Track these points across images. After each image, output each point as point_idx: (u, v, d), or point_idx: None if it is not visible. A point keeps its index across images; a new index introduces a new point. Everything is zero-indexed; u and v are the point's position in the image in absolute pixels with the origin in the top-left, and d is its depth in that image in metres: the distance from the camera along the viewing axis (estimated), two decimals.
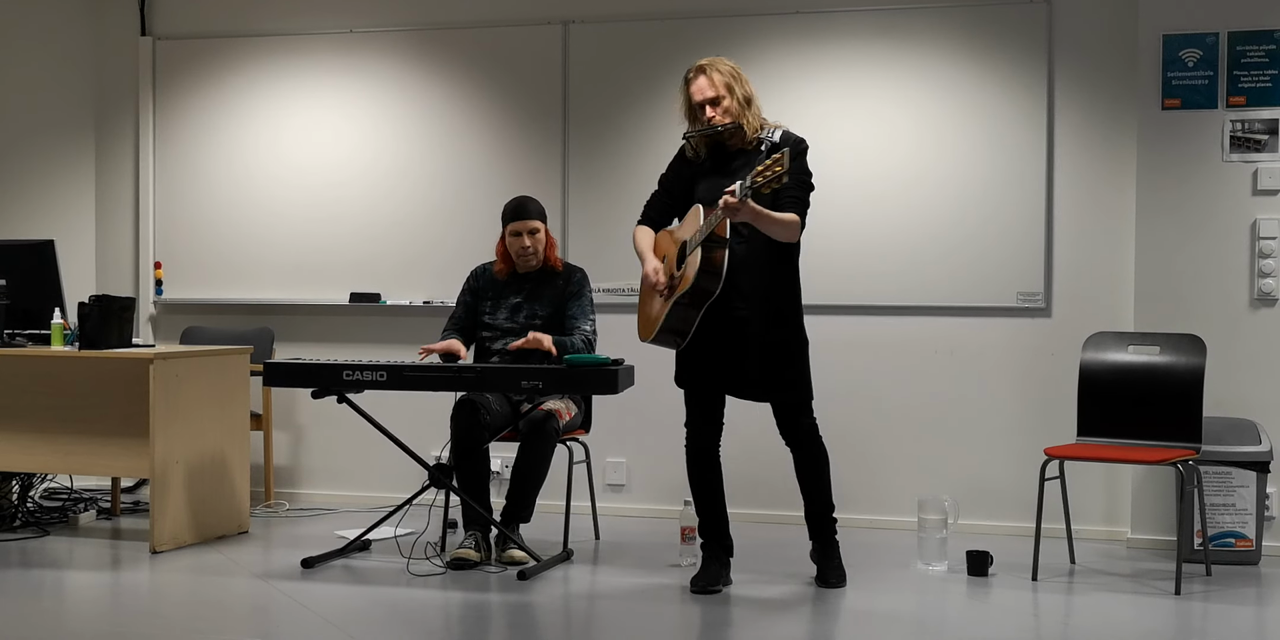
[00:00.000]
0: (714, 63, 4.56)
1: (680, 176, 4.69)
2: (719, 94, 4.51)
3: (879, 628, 4.20)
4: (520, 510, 5.01)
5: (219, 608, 4.42)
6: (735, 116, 4.52)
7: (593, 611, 4.51)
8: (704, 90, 4.53)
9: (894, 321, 5.78)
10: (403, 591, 4.57)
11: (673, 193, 4.72)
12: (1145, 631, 4.17)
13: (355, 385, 4.89)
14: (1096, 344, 5.17)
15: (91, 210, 6.81)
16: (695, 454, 4.67)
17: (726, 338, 4.51)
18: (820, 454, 4.67)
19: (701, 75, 4.54)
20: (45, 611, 4.41)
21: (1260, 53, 5.31)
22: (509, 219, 5.17)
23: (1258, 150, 5.31)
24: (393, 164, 6.38)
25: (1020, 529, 5.37)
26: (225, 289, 6.57)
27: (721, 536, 4.69)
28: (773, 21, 5.92)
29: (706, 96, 4.52)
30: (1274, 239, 5.29)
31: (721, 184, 4.45)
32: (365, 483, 6.31)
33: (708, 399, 4.65)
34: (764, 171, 4.17)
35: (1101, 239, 5.61)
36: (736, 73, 4.57)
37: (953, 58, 5.74)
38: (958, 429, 5.74)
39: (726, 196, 4.25)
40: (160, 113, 6.68)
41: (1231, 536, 5.12)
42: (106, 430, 5.21)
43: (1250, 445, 5.10)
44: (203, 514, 5.35)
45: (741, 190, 4.23)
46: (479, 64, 6.28)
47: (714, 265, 4.38)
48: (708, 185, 4.56)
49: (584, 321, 5.15)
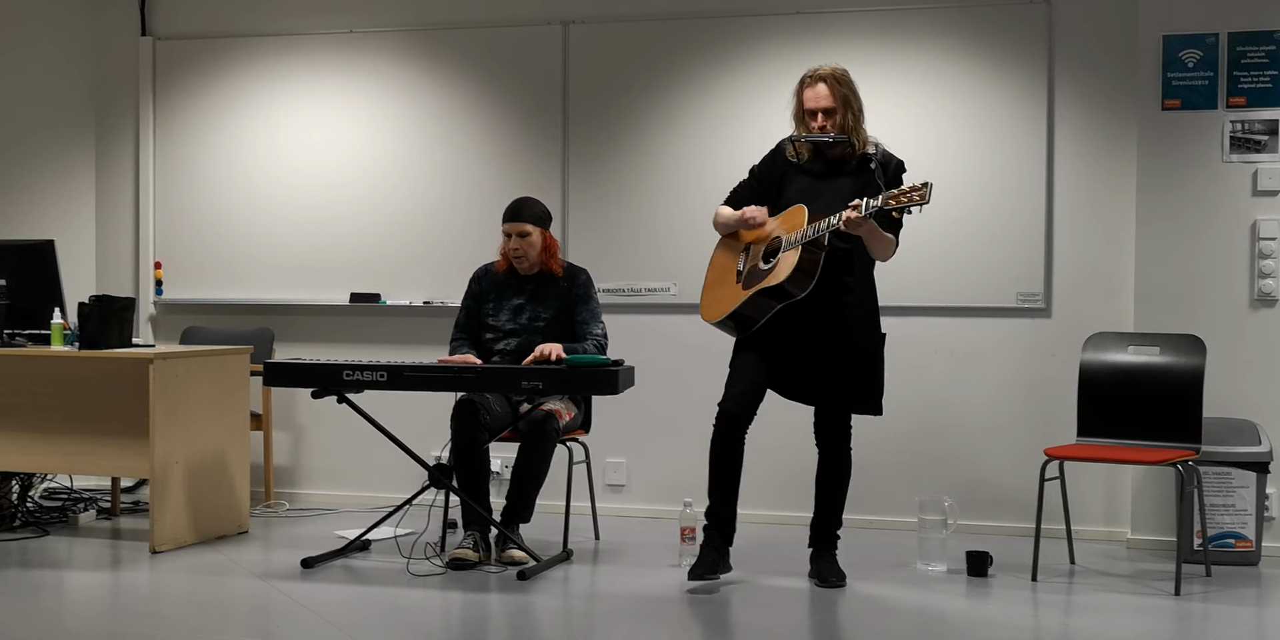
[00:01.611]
0: (835, 72, 4.60)
1: (773, 172, 4.73)
2: (834, 106, 4.56)
3: (879, 628, 4.20)
4: (520, 510, 5.01)
5: (219, 608, 4.42)
6: (846, 131, 4.57)
7: (592, 612, 4.51)
8: (820, 99, 4.57)
9: (894, 322, 5.74)
10: (402, 592, 4.57)
11: (762, 182, 4.77)
12: (1145, 632, 4.17)
13: (355, 385, 4.89)
14: (1096, 344, 5.17)
15: (91, 210, 6.81)
16: (724, 434, 4.62)
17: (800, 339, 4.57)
18: (847, 466, 4.72)
19: (821, 83, 4.57)
20: (45, 611, 4.41)
21: (1260, 53, 5.31)
22: (504, 219, 5.17)
23: (1258, 151, 5.31)
24: (393, 164, 6.38)
25: (1020, 529, 5.37)
26: (225, 289, 6.57)
27: (724, 525, 4.67)
28: (773, 22, 5.92)
29: (821, 106, 4.57)
30: (1274, 239, 5.29)
31: (816, 189, 4.56)
32: (365, 483, 6.31)
33: (757, 384, 4.64)
34: (902, 197, 4.23)
35: (1101, 239, 5.61)
36: (852, 85, 4.62)
37: (952, 58, 5.74)
38: (957, 429, 5.74)
39: (851, 212, 4.30)
40: (160, 113, 6.68)
41: (1231, 537, 5.12)
42: (106, 430, 5.20)
43: (1250, 446, 5.10)
44: (202, 514, 5.35)
45: (868, 208, 4.29)
46: (479, 64, 6.28)
47: (810, 268, 4.44)
48: (800, 187, 4.63)
49: (594, 325, 5.15)
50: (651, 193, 6.05)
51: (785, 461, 5.21)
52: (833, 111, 4.57)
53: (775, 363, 4.63)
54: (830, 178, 4.60)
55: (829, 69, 4.62)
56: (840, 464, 4.71)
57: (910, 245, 5.71)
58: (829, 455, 4.70)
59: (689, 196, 5.97)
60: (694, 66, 6.03)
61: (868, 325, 4.65)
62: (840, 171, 4.61)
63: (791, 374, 4.64)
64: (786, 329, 4.58)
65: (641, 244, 6.06)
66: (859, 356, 4.60)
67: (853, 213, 4.31)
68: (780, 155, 4.73)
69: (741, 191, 4.82)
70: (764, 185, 4.75)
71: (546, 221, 5.20)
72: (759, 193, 4.76)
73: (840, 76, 4.60)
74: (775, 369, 4.64)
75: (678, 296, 5.97)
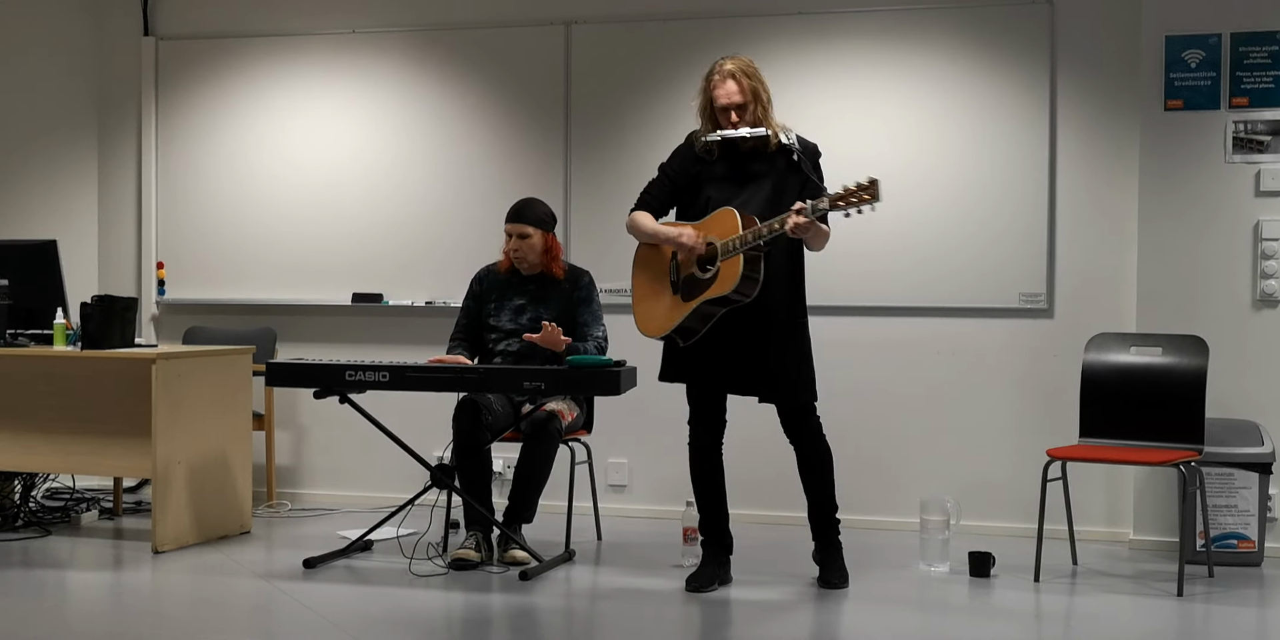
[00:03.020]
0: (739, 65, 4.53)
1: (687, 171, 4.64)
2: (746, 100, 4.50)
3: (881, 629, 4.20)
4: (522, 511, 5.01)
5: (221, 608, 4.43)
6: (760, 123, 4.50)
7: (594, 612, 4.51)
8: (731, 95, 4.50)
9: (896, 322, 5.78)
10: (404, 592, 4.57)
11: (678, 184, 4.67)
12: (1147, 633, 4.17)
13: (357, 385, 4.89)
14: (1099, 345, 5.17)
15: (94, 210, 6.81)
16: (698, 451, 4.68)
17: (734, 337, 4.51)
18: (824, 453, 4.67)
19: (730, 80, 4.50)
20: (47, 611, 4.41)
21: (1263, 54, 5.31)
22: (506, 219, 5.17)
23: (1260, 151, 5.31)
24: (395, 164, 6.38)
25: (1022, 530, 5.37)
26: (227, 289, 6.57)
27: (722, 535, 4.69)
28: (774, 22, 5.91)
29: (734, 101, 4.50)
30: (1277, 240, 5.28)
31: (734, 190, 4.49)
32: (367, 483, 6.31)
33: (711, 397, 4.65)
34: (850, 198, 4.16)
35: (1104, 240, 5.61)
36: (759, 75, 4.55)
37: (955, 58, 5.74)
38: (960, 430, 5.74)
39: (799, 217, 4.24)
40: (163, 113, 6.69)
41: (1234, 538, 5.12)
42: (109, 430, 5.21)
43: (1253, 446, 5.10)
44: (205, 514, 5.35)
45: (814, 211, 4.23)
46: (481, 64, 6.28)
47: (755, 272, 4.37)
48: (720, 187, 4.55)
49: (596, 328, 5.15)
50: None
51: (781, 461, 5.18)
52: (744, 106, 4.50)
53: (715, 364, 4.56)
54: (747, 175, 4.52)
55: (736, 63, 4.54)
56: (817, 452, 4.65)
57: (912, 245, 5.75)
58: (802, 449, 4.66)
59: None
60: (696, 67, 5.96)
61: (788, 315, 4.53)
62: (756, 168, 4.53)
63: (730, 370, 4.56)
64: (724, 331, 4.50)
65: None
66: (780, 346, 4.51)
67: (799, 217, 4.24)
68: (690, 153, 4.64)
69: (655, 193, 4.71)
70: (678, 186, 4.66)
71: (549, 224, 5.19)
72: (673, 193, 4.68)
73: (747, 70, 4.52)
74: (717, 371, 4.57)
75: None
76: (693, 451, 4.69)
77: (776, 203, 4.44)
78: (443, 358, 5.06)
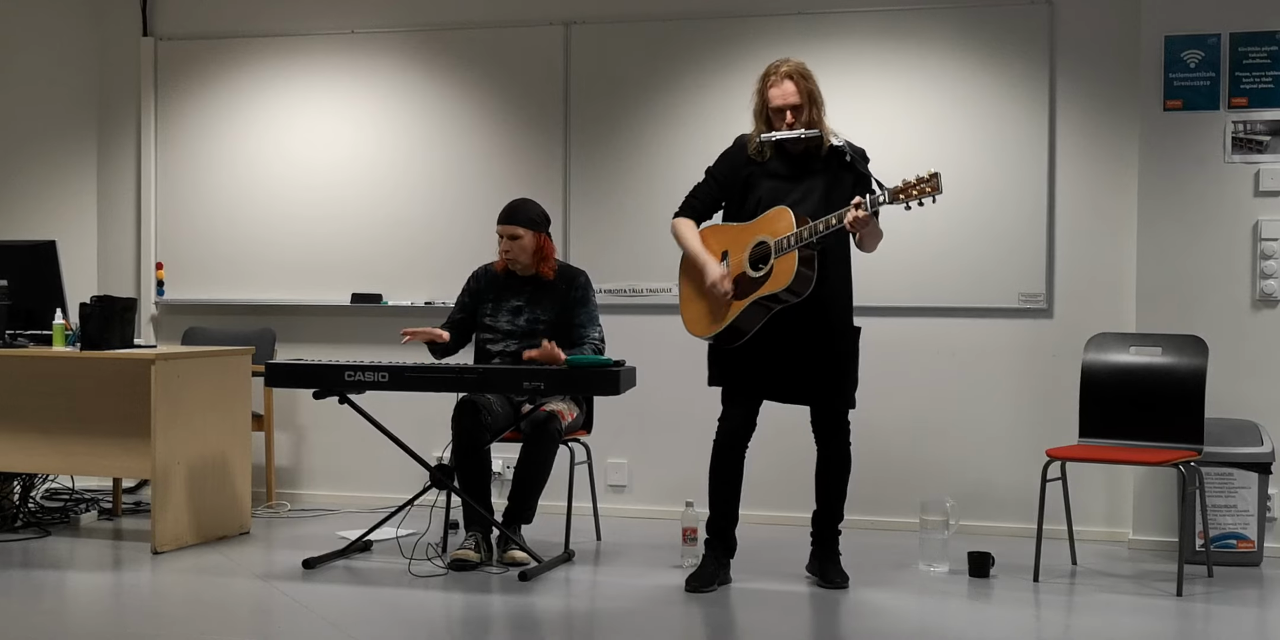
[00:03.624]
0: (796, 67, 4.55)
1: (737, 173, 4.65)
2: (801, 102, 4.52)
3: (880, 629, 4.20)
4: (522, 511, 5.01)
5: (220, 608, 4.42)
6: (813, 126, 4.53)
7: (594, 613, 4.51)
8: (788, 96, 4.52)
9: (895, 322, 5.78)
10: (404, 592, 4.57)
11: (725, 186, 4.68)
12: (1147, 633, 4.17)
13: (357, 386, 4.89)
14: (1098, 345, 5.17)
15: (93, 211, 6.81)
16: (724, 449, 4.65)
17: (786, 343, 4.54)
18: (846, 460, 4.71)
19: (788, 81, 4.52)
20: (47, 612, 4.41)
21: (1262, 54, 5.31)
22: (498, 220, 5.16)
23: (1260, 151, 5.31)
24: (394, 165, 6.38)
25: (1022, 530, 5.37)
26: (227, 290, 6.57)
27: (726, 536, 4.68)
28: (774, 22, 5.91)
29: (790, 102, 4.52)
30: (1276, 240, 5.28)
31: (786, 189, 4.51)
32: (367, 483, 6.31)
33: (751, 400, 4.64)
34: (913, 190, 4.23)
35: (1103, 240, 5.61)
36: (814, 78, 4.57)
37: (954, 59, 5.74)
38: (959, 430, 5.74)
39: (859, 212, 4.28)
40: (162, 113, 6.69)
41: (1233, 538, 5.12)
42: (108, 431, 5.21)
43: (1252, 446, 5.10)
44: (204, 514, 5.35)
45: (872, 205, 4.28)
46: (480, 65, 6.28)
47: (810, 269, 4.41)
48: (773, 186, 4.57)
49: (592, 329, 5.14)
50: (653, 193, 6.05)
51: (785, 461, 5.20)
52: (800, 108, 4.52)
53: (763, 371, 4.60)
54: (800, 176, 4.55)
55: (792, 65, 4.56)
56: (838, 459, 4.70)
57: (912, 245, 5.74)
58: (827, 450, 4.69)
59: None
60: (695, 67, 6.03)
61: (841, 321, 4.60)
62: (809, 168, 4.56)
63: (778, 378, 4.60)
64: (769, 334, 4.54)
65: (643, 244, 6.05)
66: (832, 352, 4.56)
67: (859, 212, 4.29)
68: (741, 155, 4.65)
69: (700, 196, 4.73)
70: (725, 188, 4.68)
71: (541, 225, 5.18)
72: (719, 196, 4.70)
73: (804, 71, 4.55)
74: (764, 378, 4.61)
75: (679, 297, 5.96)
76: (717, 449, 4.65)
77: (829, 202, 4.48)
78: (413, 329, 5.06)
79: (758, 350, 4.57)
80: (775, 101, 4.53)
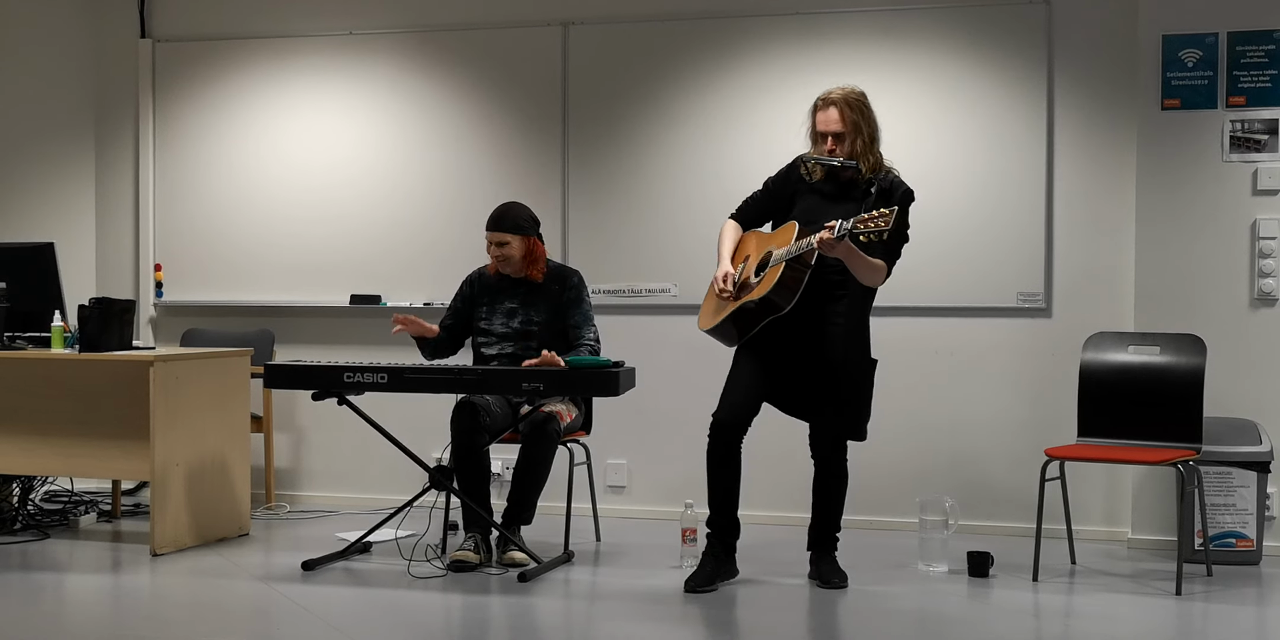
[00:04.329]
0: (848, 96, 4.60)
1: (786, 188, 4.74)
2: (844, 131, 4.56)
3: (880, 628, 4.20)
4: (521, 512, 5.00)
5: (219, 610, 4.42)
6: (856, 156, 4.57)
7: (593, 613, 4.51)
8: (830, 123, 4.57)
9: (894, 322, 5.77)
10: (403, 594, 4.57)
11: (774, 197, 4.77)
12: (1146, 632, 4.17)
13: (356, 387, 4.89)
14: (1097, 344, 5.17)
15: (92, 213, 6.81)
16: (720, 445, 4.64)
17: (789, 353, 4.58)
18: (841, 477, 4.73)
19: (833, 107, 4.58)
20: (46, 614, 4.41)
21: (1260, 53, 5.31)
22: (486, 227, 5.16)
23: (1258, 150, 5.31)
24: (393, 166, 6.38)
25: (1021, 529, 5.37)
26: (225, 291, 6.57)
27: (725, 533, 4.68)
28: (772, 23, 5.91)
29: (831, 129, 4.57)
30: (1274, 239, 5.29)
31: (821, 209, 4.55)
32: (366, 485, 6.31)
33: (751, 397, 4.65)
34: (869, 221, 4.24)
35: (1102, 239, 5.61)
36: (865, 110, 4.61)
37: (952, 58, 5.74)
38: (958, 429, 5.74)
39: (825, 233, 4.31)
40: (160, 115, 6.68)
41: (1232, 537, 5.12)
42: (107, 433, 5.21)
43: (1250, 445, 5.10)
44: (203, 516, 5.35)
45: (840, 231, 4.29)
46: (479, 65, 6.28)
47: (792, 284, 4.45)
48: (807, 206, 4.63)
49: (586, 329, 5.14)
50: (652, 194, 6.05)
51: (786, 462, 5.20)
52: (842, 136, 4.58)
53: (772, 376, 4.64)
54: (838, 200, 4.60)
55: (842, 92, 4.62)
56: (834, 476, 4.73)
57: (911, 245, 5.72)
58: (822, 467, 4.72)
59: (689, 197, 5.97)
60: (694, 67, 6.02)
61: (856, 353, 4.63)
62: (849, 195, 4.61)
63: (785, 390, 4.67)
64: (779, 346, 4.59)
65: (642, 245, 6.05)
66: (843, 384, 4.61)
67: (826, 233, 4.32)
68: (795, 172, 4.74)
69: (752, 205, 4.83)
70: (775, 200, 4.76)
71: (528, 228, 5.16)
72: (770, 207, 4.78)
73: (853, 101, 4.60)
74: (772, 383, 4.65)
75: (678, 297, 5.97)
76: (712, 446, 4.64)
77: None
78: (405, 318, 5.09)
79: (770, 356, 4.62)
80: (819, 126, 4.62)
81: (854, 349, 4.62)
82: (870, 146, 4.60)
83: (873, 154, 4.61)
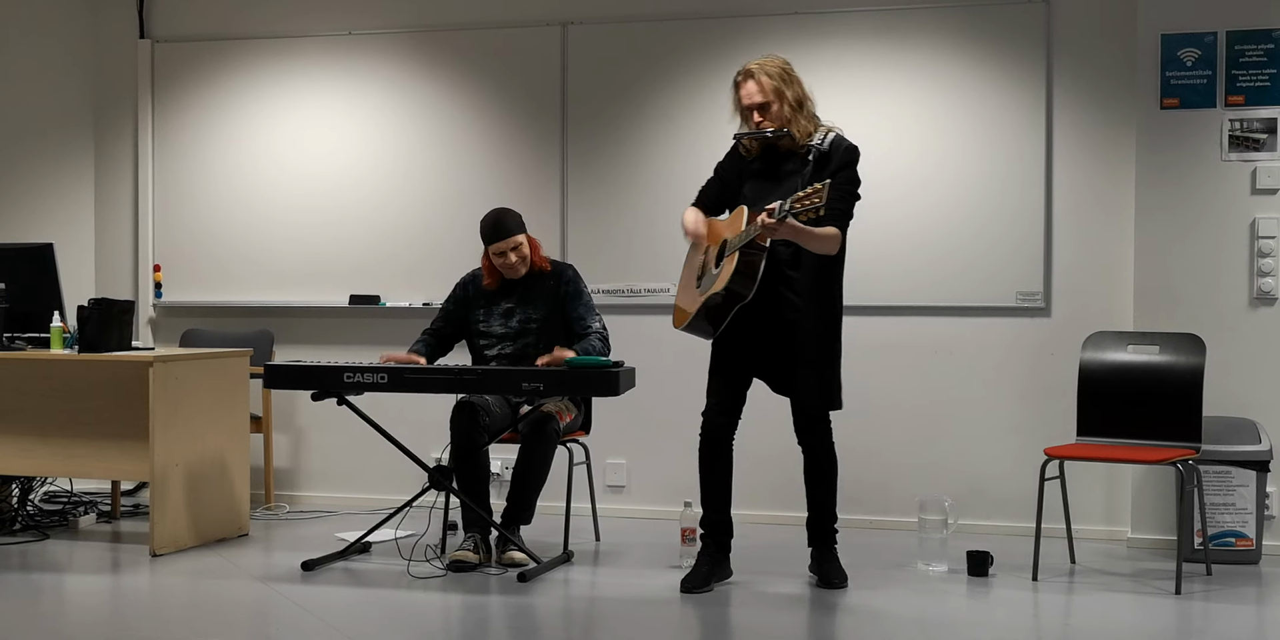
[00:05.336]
0: (763, 66, 4.53)
1: (733, 171, 4.69)
2: (767, 100, 4.49)
3: (879, 628, 4.20)
4: (520, 512, 5.01)
5: (219, 611, 4.42)
6: (785, 122, 4.50)
7: (593, 613, 4.51)
8: (752, 96, 4.51)
9: (894, 321, 5.78)
10: (403, 594, 4.57)
11: (726, 184, 4.72)
12: (1146, 631, 4.17)
13: (355, 387, 4.89)
14: (1096, 343, 5.17)
15: (91, 213, 6.81)
16: (709, 442, 4.64)
17: (768, 330, 4.52)
18: (829, 461, 4.68)
19: (750, 80, 4.51)
20: (45, 615, 4.41)
21: (1259, 52, 5.31)
22: (489, 240, 5.11)
23: (1256, 149, 5.31)
24: (392, 166, 6.38)
25: (1020, 529, 5.37)
26: (225, 292, 6.57)
27: (720, 532, 4.67)
28: (771, 22, 5.91)
29: (754, 102, 4.51)
30: (1273, 238, 5.29)
31: (767, 188, 4.50)
32: (365, 485, 6.31)
33: (734, 385, 4.62)
34: (803, 199, 4.15)
35: (1101, 238, 5.61)
36: (787, 74, 4.53)
37: (951, 58, 5.74)
38: (957, 429, 5.74)
39: (764, 217, 4.24)
40: (159, 115, 6.68)
41: (1232, 536, 5.12)
42: (106, 433, 5.20)
43: (1250, 444, 5.10)
44: (202, 517, 5.35)
45: (779, 213, 4.22)
46: (478, 65, 6.28)
47: (749, 271, 4.39)
48: (754, 187, 4.59)
49: (591, 319, 5.14)
50: (650, 193, 6.05)
51: (781, 462, 5.19)
52: (766, 106, 4.50)
53: (752, 358, 4.60)
54: (780, 174, 4.54)
55: (758, 63, 4.54)
56: (823, 460, 4.66)
57: (909, 244, 5.75)
58: (810, 452, 4.67)
59: (688, 197, 5.89)
60: (692, 67, 6.02)
61: (820, 323, 4.53)
62: (788, 167, 4.54)
63: (766, 367, 4.62)
64: (749, 328, 4.54)
65: (641, 244, 6.06)
66: (808, 348, 4.52)
67: (766, 218, 4.24)
68: (735, 152, 4.69)
69: (708, 191, 4.78)
70: (726, 185, 4.72)
71: (524, 226, 5.18)
72: (722, 192, 4.73)
73: (769, 69, 4.51)
74: (753, 364, 4.62)
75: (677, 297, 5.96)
76: (704, 441, 4.64)
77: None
78: (393, 355, 5.07)
79: (745, 338, 4.56)
80: (742, 101, 4.55)
81: (816, 317, 4.52)
82: (798, 110, 4.51)
83: (804, 118, 4.52)
